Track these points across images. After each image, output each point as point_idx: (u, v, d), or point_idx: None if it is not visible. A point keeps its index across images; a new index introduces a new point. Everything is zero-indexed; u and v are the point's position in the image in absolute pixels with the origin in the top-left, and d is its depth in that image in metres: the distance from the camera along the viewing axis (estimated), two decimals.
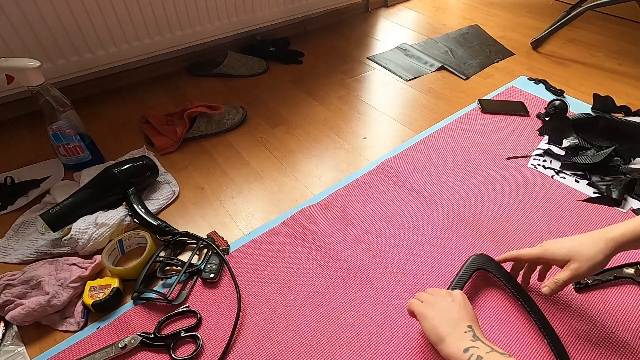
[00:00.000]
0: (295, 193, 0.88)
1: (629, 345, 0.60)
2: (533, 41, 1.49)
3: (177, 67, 1.32)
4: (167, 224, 0.76)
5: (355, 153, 1.00)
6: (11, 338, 0.61)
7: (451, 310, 0.53)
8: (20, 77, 0.77)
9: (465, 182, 0.90)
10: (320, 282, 0.69)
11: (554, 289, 0.57)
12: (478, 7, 1.86)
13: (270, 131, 1.07)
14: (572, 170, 0.92)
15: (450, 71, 1.35)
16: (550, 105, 1.10)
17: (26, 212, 0.81)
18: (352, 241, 0.76)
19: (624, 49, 1.48)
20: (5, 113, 1.06)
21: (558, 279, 0.56)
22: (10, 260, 0.72)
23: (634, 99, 1.19)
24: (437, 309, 0.54)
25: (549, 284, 0.57)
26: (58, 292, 0.63)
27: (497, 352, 0.45)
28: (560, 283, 0.56)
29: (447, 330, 0.50)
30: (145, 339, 0.60)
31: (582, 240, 0.57)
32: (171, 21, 1.14)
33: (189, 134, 1.01)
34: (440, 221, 0.81)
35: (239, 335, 0.62)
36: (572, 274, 0.55)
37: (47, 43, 0.97)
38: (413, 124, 1.10)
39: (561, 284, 0.56)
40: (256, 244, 0.76)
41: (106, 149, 0.96)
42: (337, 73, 1.33)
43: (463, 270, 0.67)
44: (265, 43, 1.41)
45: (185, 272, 0.69)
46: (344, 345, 0.61)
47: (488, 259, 0.68)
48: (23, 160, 0.94)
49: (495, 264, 0.67)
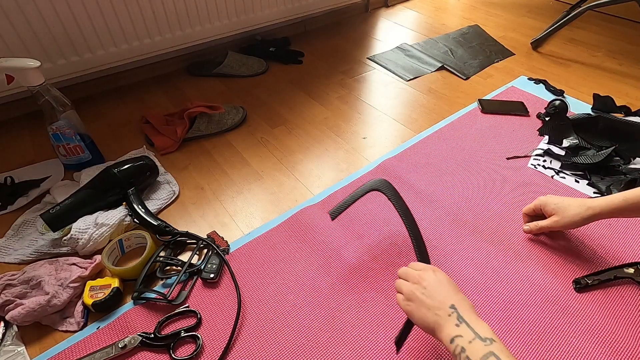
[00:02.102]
0: (295, 193, 0.88)
1: (629, 345, 0.60)
2: (533, 41, 1.49)
3: (177, 67, 1.32)
4: (167, 224, 0.76)
5: (355, 153, 1.00)
6: (11, 338, 0.61)
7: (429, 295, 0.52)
8: (20, 77, 0.77)
9: (465, 182, 0.90)
10: (320, 282, 0.69)
11: (532, 229, 0.74)
12: (478, 7, 1.86)
13: (270, 131, 1.07)
14: (572, 170, 0.92)
15: (450, 71, 1.35)
16: (550, 105, 1.10)
17: (26, 212, 0.81)
18: (352, 241, 0.76)
19: (624, 49, 1.48)
20: (5, 113, 1.06)
21: (539, 223, 0.73)
22: (10, 260, 0.72)
23: (634, 99, 1.19)
24: (416, 299, 0.52)
25: (531, 225, 0.74)
26: (58, 292, 0.63)
27: (479, 340, 0.44)
28: (539, 227, 0.72)
29: (432, 317, 0.50)
30: (145, 339, 0.60)
31: (569, 202, 0.70)
32: (171, 21, 1.14)
33: (189, 134, 1.01)
34: (440, 221, 0.81)
35: (239, 335, 0.62)
36: (552, 224, 0.71)
37: (47, 43, 0.97)
38: (413, 124, 1.10)
39: (540, 227, 0.72)
40: (256, 244, 0.76)
41: (106, 149, 0.96)
42: (337, 73, 1.33)
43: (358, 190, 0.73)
44: (265, 43, 1.41)
45: (185, 272, 0.69)
46: (344, 345, 0.61)
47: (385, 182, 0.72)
48: (23, 160, 0.94)
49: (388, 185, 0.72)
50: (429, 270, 0.55)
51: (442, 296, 0.51)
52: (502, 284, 0.69)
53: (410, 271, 0.56)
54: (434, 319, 0.49)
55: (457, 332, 0.46)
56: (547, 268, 0.71)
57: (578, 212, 0.68)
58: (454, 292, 0.52)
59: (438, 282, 0.53)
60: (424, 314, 0.50)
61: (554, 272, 0.70)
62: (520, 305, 0.66)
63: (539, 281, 0.69)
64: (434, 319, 0.49)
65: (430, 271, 0.55)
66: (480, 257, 0.73)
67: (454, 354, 0.45)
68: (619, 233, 0.78)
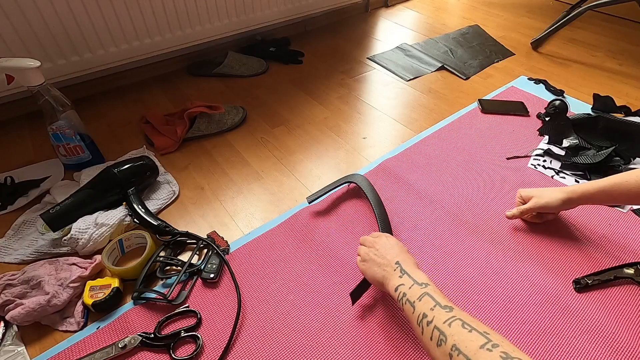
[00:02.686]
0: (295, 193, 0.88)
1: (629, 345, 0.60)
2: (533, 41, 1.49)
3: (177, 67, 1.32)
4: (167, 224, 0.76)
5: (355, 153, 1.00)
6: (11, 338, 0.61)
7: (380, 255, 0.60)
8: (20, 77, 0.77)
9: (465, 182, 0.90)
10: (320, 282, 0.69)
11: (515, 213, 0.78)
12: (478, 7, 1.86)
13: (270, 131, 1.07)
14: (572, 170, 0.92)
15: (450, 71, 1.35)
16: (550, 105, 1.10)
17: (26, 212, 0.81)
18: (352, 241, 0.76)
19: (624, 49, 1.48)
20: (5, 113, 1.06)
21: (521, 208, 0.77)
22: (10, 260, 0.72)
23: (634, 99, 1.19)
24: (370, 259, 0.61)
25: (514, 209, 0.78)
26: (58, 292, 0.63)
27: (416, 285, 0.52)
28: (521, 210, 0.76)
29: (380, 273, 0.58)
30: (145, 339, 0.60)
31: (550, 189, 0.75)
32: (171, 21, 1.14)
33: (189, 134, 1.01)
34: (440, 221, 0.81)
35: (239, 335, 0.62)
36: (531, 205, 0.75)
37: (47, 43, 0.97)
38: (413, 124, 1.10)
39: (522, 210, 0.76)
40: (256, 244, 0.76)
41: (106, 149, 0.96)
42: (337, 73, 1.33)
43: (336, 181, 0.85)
44: (265, 43, 1.41)
45: (185, 272, 0.69)
46: (344, 345, 0.61)
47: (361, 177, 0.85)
48: (23, 160, 0.94)
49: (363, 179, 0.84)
50: (382, 236, 0.65)
51: (390, 255, 0.59)
52: (502, 284, 0.69)
53: (368, 237, 0.66)
54: (382, 274, 0.58)
55: (399, 282, 0.54)
56: (547, 268, 0.71)
57: (556, 195, 0.72)
58: (400, 251, 0.60)
59: (388, 245, 0.62)
60: (375, 271, 0.59)
61: (554, 272, 0.70)
62: (520, 305, 0.66)
63: (539, 281, 0.69)
64: (382, 274, 0.58)
65: (383, 237, 0.64)
66: (480, 257, 0.73)
67: (398, 300, 0.53)
68: (619, 233, 0.78)
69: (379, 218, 0.76)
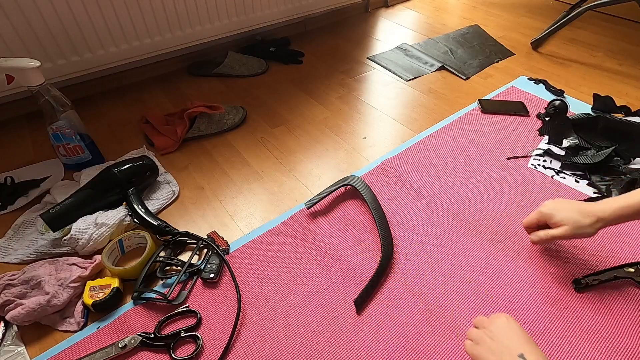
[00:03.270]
0: (295, 193, 0.88)
1: (629, 345, 0.60)
2: (533, 41, 1.49)
3: (177, 67, 1.32)
4: (167, 224, 0.76)
5: (355, 153, 1.00)
6: (11, 338, 0.61)
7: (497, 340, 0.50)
8: (20, 77, 0.77)
9: (465, 182, 0.90)
10: (321, 282, 0.69)
11: (543, 238, 0.67)
12: (478, 7, 1.86)
13: (270, 131, 1.07)
14: (572, 170, 0.92)
15: (450, 71, 1.35)
16: (550, 105, 1.10)
17: (26, 212, 0.81)
18: (352, 241, 0.76)
19: (624, 49, 1.48)
20: (5, 113, 1.06)
21: (550, 232, 0.66)
22: (10, 260, 0.72)
23: (634, 99, 1.19)
24: (484, 342, 0.51)
25: (541, 233, 0.67)
26: (58, 292, 0.63)
27: None
28: (551, 235, 0.66)
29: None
30: (145, 339, 0.60)
31: (579, 210, 0.64)
32: (171, 21, 1.14)
33: (189, 134, 1.01)
34: (440, 221, 0.81)
35: (239, 335, 0.62)
36: (562, 233, 0.64)
37: (47, 43, 0.97)
38: (413, 124, 1.10)
39: (551, 237, 0.66)
40: (256, 244, 0.76)
41: (106, 149, 0.96)
42: (337, 73, 1.33)
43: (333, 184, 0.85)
44: (265, 43, 1.41)
45: (185, 272, 0.69)
46: (344, 345, 0.61)
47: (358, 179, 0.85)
48: (23, 160, 0.94)
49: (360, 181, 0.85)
50: (502, 316, 0.53)
51: (509, 341, 0.49)
52: (502, 284, 0.69)
53: (483, 318, 0.55)
54: None
55: None
56: (547, 268, 0.71)
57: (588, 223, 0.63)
58: (524, 340, 0.49)
59: (508, 328, 0.51)
60: (488, 358, 0.49)
61: (554, 272, 0.70)
62: (520, 305, 0.66)
63: (539, 281, 0.69)
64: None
65: (502, 317, 0.53)
66: (480, 257, 0.73)
67: None
68: (619, 233, 0.78)
69: (377, 220, 0.76)
